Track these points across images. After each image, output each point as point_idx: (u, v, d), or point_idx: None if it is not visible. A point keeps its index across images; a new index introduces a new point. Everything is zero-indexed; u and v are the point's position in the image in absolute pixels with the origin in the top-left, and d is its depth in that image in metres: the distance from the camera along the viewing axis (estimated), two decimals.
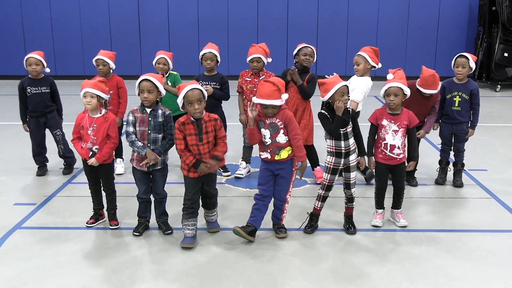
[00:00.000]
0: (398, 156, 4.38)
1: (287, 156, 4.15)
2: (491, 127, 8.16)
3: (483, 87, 11.55)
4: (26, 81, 5.65)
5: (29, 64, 5.57)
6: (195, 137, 4.02)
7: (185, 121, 4.01)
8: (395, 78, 4.33)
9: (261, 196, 4.22)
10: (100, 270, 3.79)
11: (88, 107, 4.29)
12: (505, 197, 5.17)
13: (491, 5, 11.54)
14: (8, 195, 5.26)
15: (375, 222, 4.52)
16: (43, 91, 5.66)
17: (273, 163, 4.19)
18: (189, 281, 3.65)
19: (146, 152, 4.17)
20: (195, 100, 3.91)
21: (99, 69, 5.54)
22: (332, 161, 4.27)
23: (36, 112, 5.68)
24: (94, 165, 4.31)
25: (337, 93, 4.08)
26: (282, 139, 4.11)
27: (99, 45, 11.00)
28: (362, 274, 3.75)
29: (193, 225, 4.17)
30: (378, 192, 4.53)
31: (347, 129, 4.19)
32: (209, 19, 12.53)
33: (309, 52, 5.31)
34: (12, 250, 4.10)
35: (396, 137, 4.34)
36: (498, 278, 3.70)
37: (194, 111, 3.93)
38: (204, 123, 4.02)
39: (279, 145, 4.12)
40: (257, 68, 5.41)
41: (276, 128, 4.08)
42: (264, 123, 4.11)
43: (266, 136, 4.12)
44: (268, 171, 4.21)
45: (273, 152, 4.14)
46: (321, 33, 12.56)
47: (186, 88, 3.93)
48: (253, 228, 4.20)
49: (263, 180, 4.24)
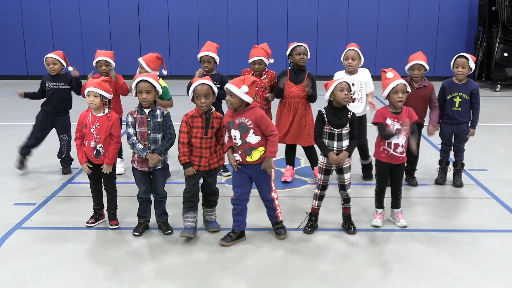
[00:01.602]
0: (401, 155, 4.38)
1: (259, 158, 4.09)
2: (491, 127, 8.16)
3: (483, 87, 11.56)
4: (47, 77, 5.81)
5: (47, 64, 5.71)
6: (201, 130, 4.13)
7: (194, 114, 4.15)
8: (395, 76, 4.34)
9: (238, 200, 4.20)
10: (100, 270, 3.79)
11: (91, 106, 4.31)
12: (505, 197, 5.17)
13: (491, 5, 11.55)
14: (8, 195, 5.26)
15: (375, 222, 4.52)
16: (61, 86, 5.74)
17: (247, 167, 4.14)
18: (189, 281, 3.65)
19: (147, 156, 4.18)
20: (203, 94, 4.06)
21: (101, 69, 5.54)
22: (325, 162, 4.28)
23: (49, 105, 5.76)
24: (108, 171, 4.37)
25: (336, 88, 4.13)
26: (253, 139, 4.06)
27: (99, 45, 10.98)
28: (362, 274, 3.75)
29: (193, 217, 4.24)
30: (379, 191, 4.53)
31: (343, 131, 4.19)
32: (209, 19, 12.54)
33: (302, 51, 5.31)
34: (12, 250, 4.10)
35: (400, 136, 4.34)
36: (498, 278, 3.70)
37: (201, 104, 4.08)
38: (212, 118, 4.15)
39: (250, 145, 4.07)
40: (259, 70, 5.42)
41: (246, 128, 4.04)
42: (233, 123, 4.08)
43: (236, 137, 4.08)
44: (243, 173, 4.17)
45: (244, 153, 4.08)
46: (321, 33, 12.57)
47: (196, 82, 4.10)
48: (239, 233, 4.22)
49: (237, 182, 4.20)
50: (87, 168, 4.39)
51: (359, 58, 5.36)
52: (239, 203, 4.20)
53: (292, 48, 5.35)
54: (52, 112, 5.79)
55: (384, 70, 4.43)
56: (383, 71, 4.44)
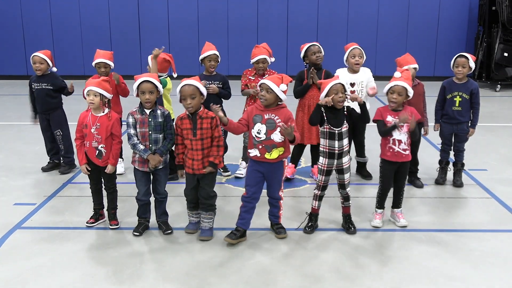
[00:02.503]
0: (404, 152, 4.38)
1: (277, 157, 4.10)
2: (491, 127, 8.16)
3: (483, 87, 11.55)
4: (33, 78, 5.84)
5: (34, 63, 5.71)
6: (190, 131, 4.13)
7: (183, 116, 4.19)
8: (402, 77, 4.35)
9: (249, 198, 4.18)
10: (100, 270, 3.79)
11: (91, 105, 4.31)
12: (505, 197, 5.17)
13: (491, 5, 11.54)
14: (8, 195, 5.26)
15: (375, 223, 4.52)
16: (44, 87, 5.75)
17: (262, 164, 4.13)
18: (189, 281, 3.65)
19: (148, 156, 4.19)
20: (188, 95, 4.07)
21: (101, 71, 5.53)
22: (325, 163, 4.27)
23: (38, 106, 5.85)
24: (112, 172, 4.39)
25: (331, 91, 4.14)
26: (277, 138, 4.06)
27: (99, 45, 10.95)
28: (362, 274, 3.75)
29: (197, 213, 4.34)
30: (382, 193, 4.53)
31: (342, 129, 4.19)
32: (209, 19, 12.53)
33: (317, 50, 5.35)
34: (12, 250, 4.10)
35: (401, 132, 4.35)
36: (498, 278, 3.70)
37: (187, 105, 4.10)
38: (200, 118, 4.12)
39: (273, 143, 4.07)
40: (262, 69, 5.42)
41: (274, 125, 4.05)
42: (261, 117, 4.08)
43: (261, 131, 4.07)
44: (257, 173, 4.16)
45: (264, 149, 4.08)
46: (321, 33, 12.56)
47: (182, 83, 4.12)
48: (243, 231, 4.22)
49: (251, 181, 4.19)
50: (85, 170, 4.39)
51: (363, 56, 5.44)
52: (250, 201, 4.20)
53: (306, 48, 5.38)
54: (41, 111, 5.85)
55: (398, 69, 4.47)
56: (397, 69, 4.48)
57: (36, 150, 6.60)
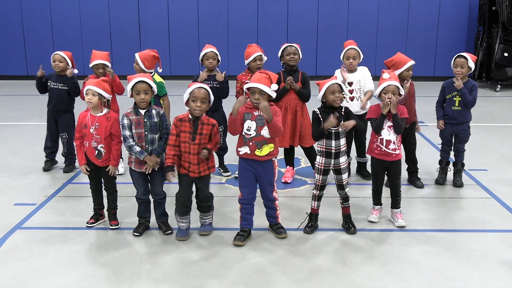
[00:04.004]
0: (394, 151, 4.41)
1: (267, 153, 4.12)
2: (491, 127, 8.16)
3: (483, 87, 11.55)
4: (52, 75, 5.87)
5: (53, 61, 5.76)
6: (188, 135, 4.10)
7: (183, 118, 4.13)
8: (391, 78, 4.39)
9: (246, 199, 4.22)
10: (100, 270, 3.79)
11: (89, 104, 4.31)
12: (505, 197, 5.17)
13: (491, 5, 11.54)
14: (8, 195, 5.26)
15: (371, 218, 4.58)
16: (60, 87, 5.80)
17: (252, 163, 4.15)
18: (189, 281, 3.65)
19: (145, 158, 4.18)
20: (200, 98, 4.03)
21: (99, 72, 5.54)
22: (322, 162, 4.28)
23: (50, 104, 5.89)
24: (113, 173, 4.39)
25: (328, 91, 4.16)
26: (267, 133, 4.09)
27: (99, 45, 11.00)
28: (362, 274, 3.75)
29: (187, 218, 4.30)
30: (374, 189, 4.60)
31: (339, 129, 4.20)
32: (209, 19, 12.53)
33: (292, 51, 5.32)
34: (12, 250, 4.10)
35: (391, 132, 4.37)
36: (498, 278, 3.70)
37: (196, 107, 4.04)
38: (201, 124, 4.09)
39: (263, 139, 4.09)
40: (260, 66, 5.42)
41: (263, 121, 4.07)
42: (251, 114, 4.10)
43: (251, 128, 4.09)
44: (249, 172, 4.18)
45: (254, 146, 4.09)
46: (321, 33, 12.56)
47: (193, 86, 4.09)
48: (248, 231, 4.25)
49: (244, 181, 4.22)
50: (85, 170, 4.39)
51: (359, 57, 5.45)
52: (248, 202, 4.22)
53: (283, 49, 5.39)
54: (52, 111, 5.89)
55: (384, 71, 4.49)
56: (383, 71, 4.49)
57: (36, 150, 6.60)
